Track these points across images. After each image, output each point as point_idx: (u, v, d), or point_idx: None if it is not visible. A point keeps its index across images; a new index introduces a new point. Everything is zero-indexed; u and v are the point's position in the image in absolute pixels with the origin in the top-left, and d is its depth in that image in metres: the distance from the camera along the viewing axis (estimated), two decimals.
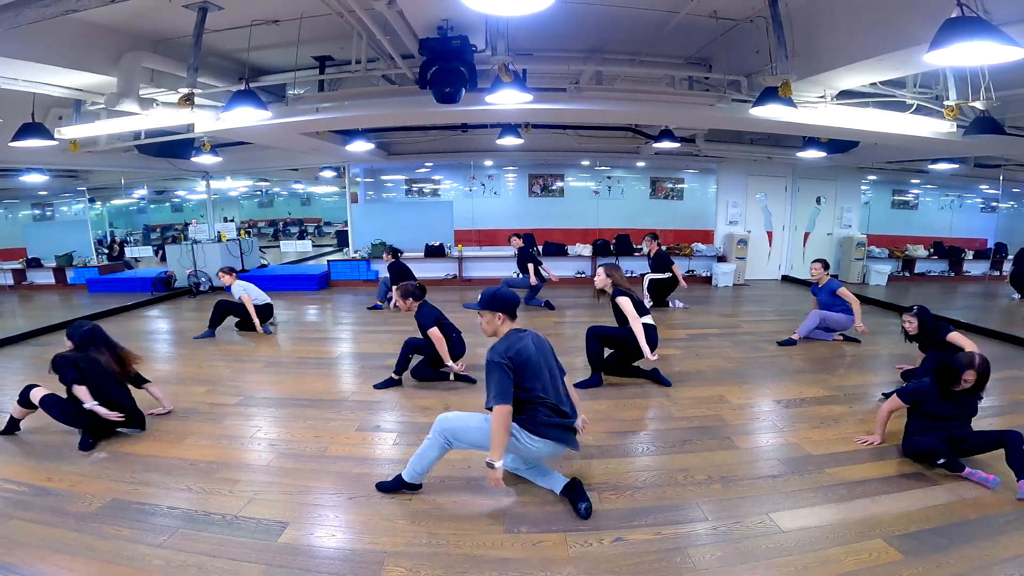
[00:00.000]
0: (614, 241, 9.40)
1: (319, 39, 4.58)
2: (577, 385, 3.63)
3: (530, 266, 7.05)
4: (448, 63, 3.78)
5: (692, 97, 5.13)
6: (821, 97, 4.59)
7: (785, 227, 9.93)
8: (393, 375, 4.07)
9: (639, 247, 9.49)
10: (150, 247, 10.80)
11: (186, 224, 10.22)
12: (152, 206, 12.19)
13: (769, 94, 3.94)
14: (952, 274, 10.29)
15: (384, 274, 7.66)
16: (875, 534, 2.24)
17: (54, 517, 2.39)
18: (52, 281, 9.73)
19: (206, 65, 4.54)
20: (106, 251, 10.45)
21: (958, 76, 4.39)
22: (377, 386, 4.03)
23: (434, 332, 3.97)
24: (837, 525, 2.31)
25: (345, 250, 10.05)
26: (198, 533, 2.28)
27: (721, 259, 9.50)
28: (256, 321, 5.71)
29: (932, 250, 10.29)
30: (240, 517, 2.39)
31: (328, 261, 9.63)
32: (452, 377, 4.10)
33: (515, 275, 7.51)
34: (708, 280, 9.39)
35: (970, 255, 10.36)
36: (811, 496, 2.54)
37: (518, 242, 7.40)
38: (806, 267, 9.92)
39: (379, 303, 7.22)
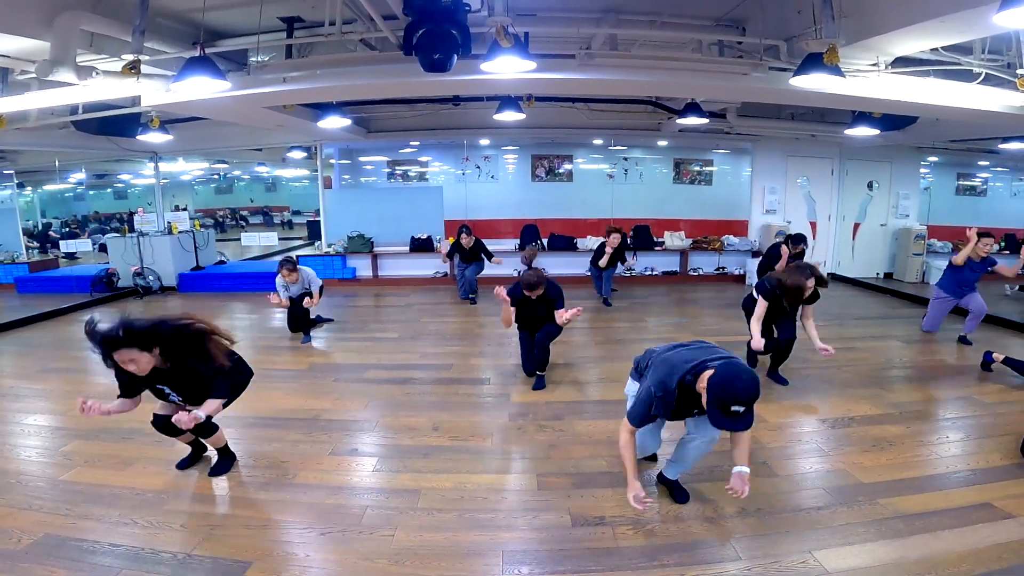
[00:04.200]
0: (631, 233, 9.39)
1: None
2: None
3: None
4: (437, 25, 3.77)
5: (722, 65, 5.11)
6: (873, 65, 4.59)
7: (831, 217, 9.96)
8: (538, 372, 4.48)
9: (660, 240, 9.53)
10: (90, 241, 10.80)
11: (131, 213, 10.20)
12: (91, 192, 12.19)
13: (813, 61, 3.94)
14: None
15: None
16: (937, 575, 2.24)
17: None
18: None
19: (155, 28, 4.53)
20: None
21: None
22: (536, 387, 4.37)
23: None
24: (892, 565, 2.31)
25: (317, 244, 10.05)
26: (145, 575, 2.28)
27: (756, 254, 9.49)
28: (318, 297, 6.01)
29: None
30: (194, 556, 2.39)
31: (297, 257, 9.61)
32: None
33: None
34: (741, 279, 9.39)
35: None
36: (861, 531, 2.54)
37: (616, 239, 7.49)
38: (856, 262, 10.04)
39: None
